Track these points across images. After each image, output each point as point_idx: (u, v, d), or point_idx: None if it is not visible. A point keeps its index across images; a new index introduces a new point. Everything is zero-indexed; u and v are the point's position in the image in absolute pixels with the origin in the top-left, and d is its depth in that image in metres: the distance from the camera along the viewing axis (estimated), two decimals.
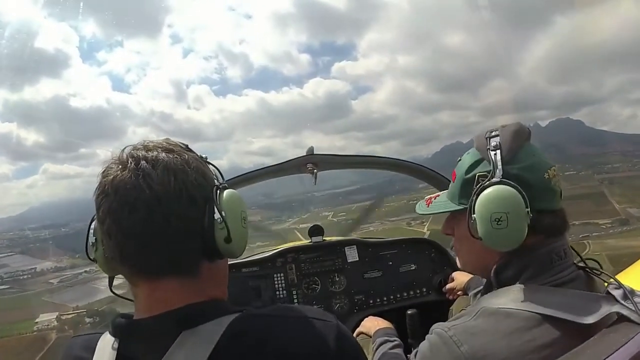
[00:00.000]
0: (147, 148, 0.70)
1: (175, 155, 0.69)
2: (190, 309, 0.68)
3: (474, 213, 0.84)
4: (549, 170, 0.86)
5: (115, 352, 0.67)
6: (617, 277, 0.86)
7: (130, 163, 0.67)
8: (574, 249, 0.90)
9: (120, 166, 0.68)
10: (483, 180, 0.85)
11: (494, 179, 0.83)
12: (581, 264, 0.90)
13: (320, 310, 0.76)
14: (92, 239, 0.76)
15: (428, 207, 1.04)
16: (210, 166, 0.77)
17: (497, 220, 0.80)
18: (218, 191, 0.72)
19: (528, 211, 0.80)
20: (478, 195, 0.84)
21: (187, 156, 0.71)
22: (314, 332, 0.69)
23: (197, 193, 0.69)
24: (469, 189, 0.87)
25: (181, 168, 0.68)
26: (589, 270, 0.89)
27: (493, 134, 0.89)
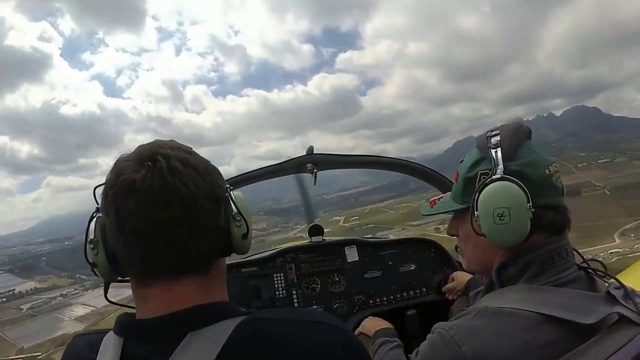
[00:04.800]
0: (170, 147, 0.71)
1: (196, 157, 0.73)
2: (196, 310, 0.68)
3: (477, 210, 0.85)
4: (549, 166, 0.87)
5: (119, 352, 0.66)
6: (617, 277, 0.86)
7: (160, 160, 0.67)
8: (575, 250, 0.91)
9: (149, 163, 0.67)
10: (485, 178, 0.87)
11: (495, 176, 0.85)
12: (583, 265, 0.91)
13: (327, 314, 0.77)
14: (92, 243, 0.74)
15: (432, 208, 1.05)
16: None
17: (499, 215, 0.82)
18: (230, 191, 0.76)
19: (530, 206, 0.82)
20: (480, 192, 0.85)
21: (202, 158, 0.74)
22: (321, 336, 0.70)
23: (219, 193, 0.73)
24: (472, 187, 0.89)
25: (204, 169, 0.71)
26: (591, 271, 0.89)
27: (493, 132, 0.90)
